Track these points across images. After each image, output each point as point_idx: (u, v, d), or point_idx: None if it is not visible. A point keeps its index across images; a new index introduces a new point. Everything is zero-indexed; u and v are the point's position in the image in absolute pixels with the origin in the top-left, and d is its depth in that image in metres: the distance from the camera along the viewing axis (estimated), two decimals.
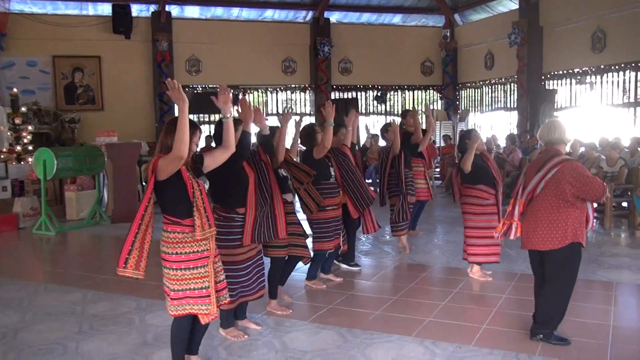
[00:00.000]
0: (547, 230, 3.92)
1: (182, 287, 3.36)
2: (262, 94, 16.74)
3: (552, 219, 3.90)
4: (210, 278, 3.40)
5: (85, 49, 14.81)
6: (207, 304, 3.40)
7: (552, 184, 3.88)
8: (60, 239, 8.76)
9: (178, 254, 3.33)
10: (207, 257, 3.39)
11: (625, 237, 7.89)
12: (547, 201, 3.92)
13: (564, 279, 3.98)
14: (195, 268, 3.35)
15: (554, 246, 3.90)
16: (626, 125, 12.57)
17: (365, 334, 4.31)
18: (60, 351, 4.11)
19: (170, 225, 3.34)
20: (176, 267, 3.33)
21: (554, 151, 4.03)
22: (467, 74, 17.26)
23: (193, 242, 3.33)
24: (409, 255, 6.87)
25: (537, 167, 4.02)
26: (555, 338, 4.01)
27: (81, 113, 14.60)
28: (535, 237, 3.99)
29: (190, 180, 3.32)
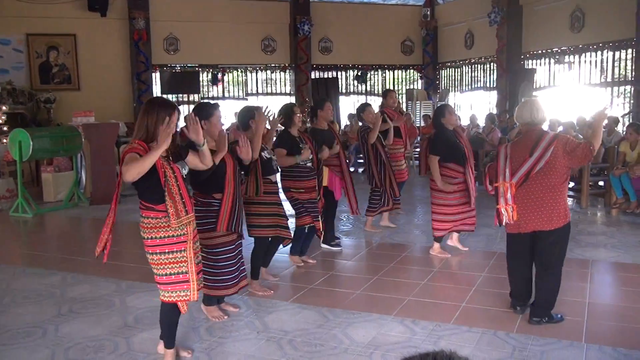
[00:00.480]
0: (550, 209, 3.91)
1: (159, 271, 3.36)
2: (242, 73, 16.57)
3: (554, 197, 3.91)
4: (189, 263, 3.38)
5: (60, 27, 14.48)
6: (185, 289, 3.38)
7: (551, 163, 3.89)
8: (38, 221, 8.65)
9: (153, 238, 3.31)
10: (185, 242, 3.36)
11: (602, 215, 8.03)
12: (545, 181, 3.91)
13: (562, 258, 4.04)
14: (171, 252, 3.33)
15: (558, 225, 3.92)
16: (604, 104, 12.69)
17: (346, 313, 4.35)
18: (40, 334, 4.09)
19: (145, 210, 3.32)
20: (152, 252, 3.33)
21: (538, 130, 4.04)
22: (447, 53, 17.26)
23: (168, 227, 3.30)
24: (390, 235, 6.92)
25: (529, 147, 3.96)
26: (556, 317, 4.06)
27: (57, 93, 14.32)
28: (538, 218, 3.95)
29: (162, 169, 3.25)
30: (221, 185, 4.11)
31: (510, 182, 3.97)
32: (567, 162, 3.90)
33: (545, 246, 4.00)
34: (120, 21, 14.93)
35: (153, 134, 3.27)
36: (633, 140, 7.84)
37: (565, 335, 3.85)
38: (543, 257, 4.04)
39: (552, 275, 4.04)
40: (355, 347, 3.75)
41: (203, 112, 4.04)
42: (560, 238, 3.99)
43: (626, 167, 7.76)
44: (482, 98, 16.28)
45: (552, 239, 3.97)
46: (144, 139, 3.27)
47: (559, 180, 3.91)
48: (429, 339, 3.85)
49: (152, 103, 3.37)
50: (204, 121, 3.99)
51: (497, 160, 4.12)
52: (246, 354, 3.68)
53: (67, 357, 3.71)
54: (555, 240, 3.98)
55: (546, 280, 4.04)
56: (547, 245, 3.99)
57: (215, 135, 4.06)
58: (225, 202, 4.11)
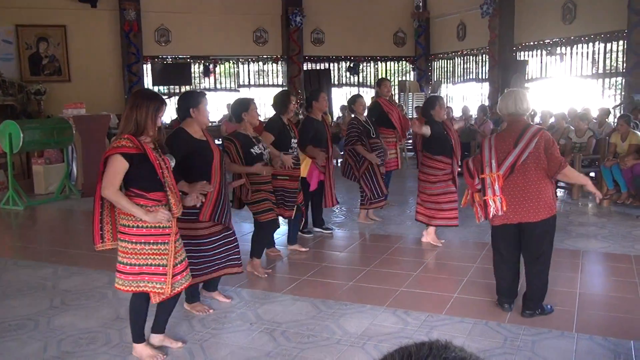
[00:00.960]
0: (536, 201, 3.89)
1: (140, 262, 3.31)
2: (234, 64, 16.50)
3: (540, 189, 3.88)
4: (170, 257, 3.36)
5: (50, 18, 14.35)
6: (162, 282, 3.36)
7: (534, 154, 3.86)
8: (29, 213, 8.60)
9: (140, 227, 3.28)
10: (168, 235, 3.35)
11: (593, 206, 8.07)
12: (531, 172, 3.88)
13: (550, 249, 4.03)
14: (156, 244, 3.32)
15: (544, 216, 3.89)
16: (595, 96, 12.75)
17: (338, 304, 4.36)
18: (32, 327, 4.07)
19: (135, 197, 3.27)
20: (136, 241, 3.29)
21: (524, 121, 4.02)
22: (439, 44, 17.24)
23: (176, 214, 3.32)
24: (382, 227, 6.93)
25: (513, 139, 3.92)
26: (547, 309, 4.06)
27: (47, 84, 14.21)
28: (524, 210, 3.91)
29: (157, 161, 3.25)
30: (205, 174, 4.04)
31: (497, 174, 3.94)
32: (546, 162, 3.88)
33: (532, 238, 3.97)
34: (111, 12, 14.81)
35: (143, 127, 3.25)
36: (624, 132, 7.88)
37: (556, 325, 3.88)
38: (532, 248, 4.01)
39: (542, 266, 4.02)
40: (348, 338, 3.76)
41: (191, 100, 4.03)
42: (548, 229, 3.97)
43: (617, 158, 7.80)
44: (474, 90, 16.30)
45: (539, 230, 3.95)
46: (133, 132, 3.24)
47: (542, 172, 3.89)
48: (422, 330, 3.87)
49: (140, 96, 3.34)
50: (192, 109, 3.98)
51: (482, 152, 4.08)
52: (239, 345, 3.69)
53: (59, 350, 3.70)
54: (543, 231, 3.96)
55: (536, 271, 4.03)
56: (534, 237, 3.97)
57: (204, 123, 4.06)
58: (210, 192, 4.07)
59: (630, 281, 4.77)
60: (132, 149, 3.20)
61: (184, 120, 4.07)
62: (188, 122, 4.04)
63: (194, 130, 4.04)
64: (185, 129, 4.05)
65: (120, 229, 3.33)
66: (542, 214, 3.90)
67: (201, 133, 4.07)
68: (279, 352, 3.58)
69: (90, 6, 14.34)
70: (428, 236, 5.99)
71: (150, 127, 3.29)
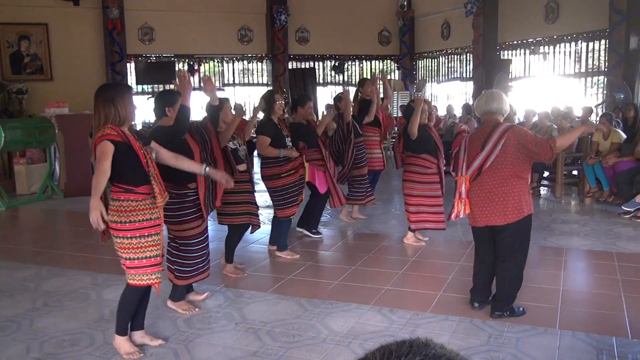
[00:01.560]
0: (502, 204, 3.81)
1: (137, 255, 3.35)
2: (218, 63, 16.42)
3: (506, 192, 3.79)
4: (161, 246, 3.43)
5: (32, 16, 14.17)
6: (158, 272, 3.44)
7: (504, 155, 3.77)
8: (11, 214, 8.50)
9: (132, 222, 3.29)
10: (159, 225, 3.40)
11: (575, 204, 8.15)
12: (497, 174, 3.80)
13: (522, 252, 3.95)
14: (150, 235, 3.36)
15: (511, 219, 3.82)
16: (578, 95, 12.87)
17: (324, 303, 4.36)
18: (14, 328, 4.03)
19: (123, 193, 3.28)
20: (131, 236, 3.31)
21: (494, 121, 3.91)
22: (423, 43, 17.30)
23: (146, 210, 3.32)
24: (367, 225, 6.95)
25: (481, 140, 3.88)
26: (518, 311, 4.02)
27: (29, 83, 14.03)
28: (490, 213, 3.87)
29: (141, 149, 3.31)
30: (194, 174, 4.09)
31: (465, 176, 3.94)
32: (523, 155, 3.77)
33: (501, 240, 3.93)
34: (94, 10, 14.66)
35: (125, 117, 3.30)
36: (606, 130, 7.97)
37: (540, 322, 3.91)
38: (501, 250, 3.96)
39: (508, 268, 3.95)
40: (334, 336, 3.76)
41: (167, 99, 4.05)
42: (516, 232, 3.87)
43: (599, 156, 7.88)
44: (459, 88, 16.38)
45: (506, 233, 3.88)
46: (116, 123, 3.28)
47: (511, 173, 3.78)
48: (407, 328, 3.89)
49: (114, 88, 3.40)
50: (168, 108, 4.01)
51: (459, 152, 4.06)
52: (225, 345, 3.68)
53: (42, 351, 3.66)
54: (510, 234, 3.87)
55: (505, 273, 3.97)
56: (503, 240, 3.91)
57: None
58: (200, 190, 4.14)
59: (612, 278, 4.82)
60: (117, 137, 3.23)
61: (160, 119, 4.08)
62: (164, 120, 4.07)
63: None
64: (162, 127, 4.06)
65: (111, 226, 3.32)
66: (509, 217, 3.82)
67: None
68: (265, 351, 3.57)
69: (72, 4, 14.18)
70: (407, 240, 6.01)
71: (131, 115, 3.37)
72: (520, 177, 3.82)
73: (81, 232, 6.74)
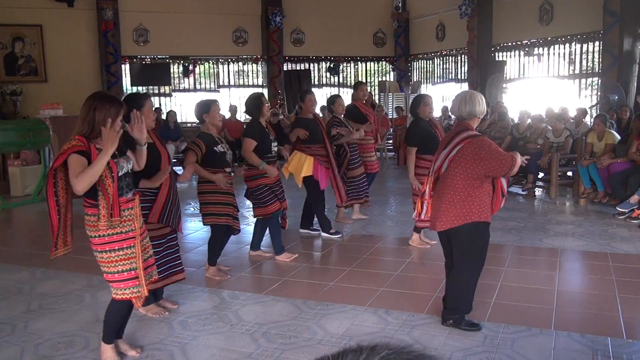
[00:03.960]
0: (448, 209, 3.72)
1: (111, 269, 3.28)
2: (213, 65, 16.41)
3: (454, 199, 3.69)
4: (138, 259, 3.32)
5: (26, 18, 14.13)
6: (137, 285, 3.33)
7: (456, 162, 3.68)
8: (5, 216, 8.47)
9: (102, 236, 3.22)
10: (133, 238, 3.30)
11: (570, 205, 8.18)
12: (452, 179, 3.71)
13: (470, 261, 3.80)
14: (121, 249, 3.27)
15: (454, 224, 3.71)
16: (572, 96, 12.92)
17: (320, 305, 4.36)
18: (8, 331, 4.01)
19: (91, 208, 3.21)
20: (101, 250, 3.24)
21: (463, 126, 3.79)
22: (418, 45, 17.33)
23: (115, 224, 3.22)
24: (363, 227, 6.95)
25: (444, 143, 3.83)
26: (466, 323, 3.86)
27: (23, 85, 13.99)
28: (439, 217, 3.79)
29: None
30: (153, 175, 4.04)
31: (430, 177, 3.93)
32: (477, 168, 3.62)
33: (452, 246, 3.87)
34: (89, 12, 14.64)
35: (100, 130, 3.16)
36: (600, 131, 8.00)
37: (535, 323, 3.92)
38: (452, 255, 3.89)
39: (454, 276, 3.87)
40: (330, 338, 3.76)
41: (134, 103, 3.97)
42: (463, 239, 3.76)
43: (594, 157, 7.91)
44: (454, 90, 16.39)
45: (454, 239, 3.81)
46: (87, 134, 3.16)
47: (462, 182, 3.67)
48: (402, 329, 3.89)
49: (101, 99, 3.24)
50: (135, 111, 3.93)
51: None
52: (220, 347, 3.67)
53: (37, 354, 3.65)
54: (458, 240, 3.79)
55: (452, 279, 3.90)
56: (453, 245, 3.86)
57: (148, 126, 4.02)
58: (160, 194, 4.06)
59: (607, 279, 4.84)
60: (82, 147, 3.11)
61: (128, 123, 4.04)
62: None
63: None
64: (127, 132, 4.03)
65: (89, 239, 3.27)
66: (451, 222, 3.72)
67: (147, 135, 4.05)
68: (261, 353, 3.57)
69: (67, 5, 14.16)
70: (413, 242, 5.96)
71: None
72: (473, 186, 3.67)
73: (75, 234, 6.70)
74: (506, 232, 6.41)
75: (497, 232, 6.34)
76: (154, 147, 4.06)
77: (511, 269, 5.17)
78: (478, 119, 3.87)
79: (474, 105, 3.78)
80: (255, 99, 5.49)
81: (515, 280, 4.85)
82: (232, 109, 13.44)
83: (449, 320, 3.89)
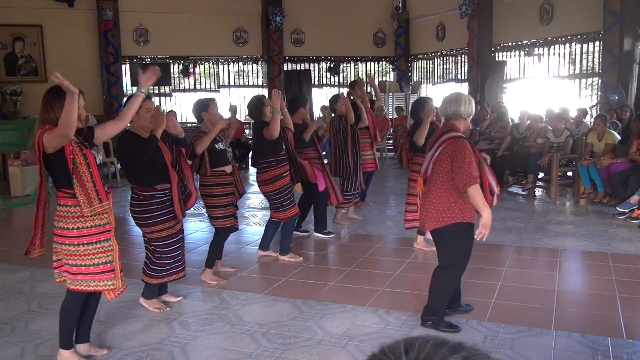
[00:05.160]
0: (431, 210, 3.72)
1: (85, 262, 3.27)
2: (213, 65, 16.41)
3: (437, 199, 3.69)
4: (115, 252, 3.33)
5: (26, 18, 14.12)
6: (112, 278, 3.33)
7: (438, 163, 3.69)
8: (6, 216, 8.47)
9: (79, 228, 3.22)
10: (110, 231, 3.32)
11: (570, 205, 8.18)
12: (435, 180, 3.72)
13: (450, 262, 3.80)
14: (99, 242, 3.28)
15: (437, 225, 3.70)
16: (572, 96, 12.91)
17: (320, 305, 4.36)
18: (8, 331, 4.01)
19: (70, 199, 3.21)
20: (77, 243, 3.24)
21: (448, 127, 3.78)
22: (418, 45, 17.32)
23: (94, 216, 3.23)
24: (363, 227, 6.95)
25: (431, 144, 3.83)
26: (445, 325, 3.86)
27: (23, 85, 13.98)
28: (425, 218, 3.79)
29: (71, 154, 3.15)
30: (163, 176, 4.10)
31: (420, 179, 3.95)
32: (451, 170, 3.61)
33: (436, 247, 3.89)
34: (89, 12, 14.63)
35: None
36: (600, 132, 7.99)
37: (535, 323, 3.92)
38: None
39: (434, 277, 3.88)
40: (330, 338, 3.76)
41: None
42: (442, 241, 3.78)
43: (594, 157, 7.91)
44: (454, 90, 16.37)
45: (436, 239, 3.82)
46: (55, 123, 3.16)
47: (444, 183, 3.66)
48: (403, 329, 3.89)
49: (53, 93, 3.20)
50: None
51: None
52: (221, 347, 3.67)
53: (37, 354, 3.65)
54: (439, 241, 3.80)
55: (433, 279, 3.90)
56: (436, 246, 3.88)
57: (145, 126, 4.09)
58: (174, 191, 4.14)
59: (607, 279, 4.84)
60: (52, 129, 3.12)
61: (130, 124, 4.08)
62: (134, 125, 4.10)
63: (141, 132, 4.08)
64: (132, 132, 4.10)
65: (56, 232, 3.26)
66: (433, 223, 3.72)
67: (147, 134, 4.08)
68: (261, 353, 3.57)
69: (67, 5, 14.14)
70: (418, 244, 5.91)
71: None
72: (455, 186, 3.62)
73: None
74: (506, 232, 6.41)
75: (497, 232, 6.35)
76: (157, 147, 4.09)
77: (511, 269, 5.17)
78: (464, 120, 3.81)
79: (459, 105, 3.76)
80: (256, 101, 5.50)
81: (515, 280, 4.84)
82: (232, 109, 13.44)
83: (428, 322, 3.89)
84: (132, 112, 3.54)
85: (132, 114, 3.57)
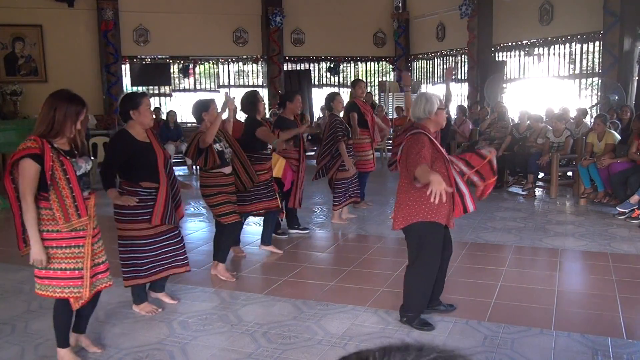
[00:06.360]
0: (398, 209, 3.77)
1: (54, 266, 3.22)
2: (213, 65, 16.40)
3: (403, 198, 3.73)
4: (86, 259, 3.27)
5: (26, 18, 14.12)
6: (78, 286, 3.27)
7: (402, 162, 3.71)
8: (6, 215, 8.45)
9: (50, 231, 3.18)
10: (84, 238, 3.26)
11: (570, 205, 8.18)
12: (402, 179, 3.76)
13: (419, 261, 3.82)
14: (69, 247, 3.22)
15: (402, 224, 3.75)
16: (572, 96, 12.91)
17: (320, 305, 4.36)
18: (9, 331, 4.01)
19: (43, 201, 3.17)
20: (47, 245, 3.19)
21: (415, 125, 3.77)
22: (419, 45, 17.32)
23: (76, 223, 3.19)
24: (362, 227, 6.95)
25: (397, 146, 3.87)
26: (419, 322, 3.88)
27: (23, 85, 13.98)
28: (394, 217, 3.83)
29: (50, 171, 3.10)
30: (149, 174, 4.03)
31: None
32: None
33: None
34: (89, 12, 14.63)
35: (59, 129, 3.15)
36: (600, 131, 7.99)
37: (535, 323, 3.92)
38: None
39: (406, 275, 3.91)
40: (330, 338, 3.76)
41: (130, 102, 3.99)
42: (409, 240, 3.83)
43: (594, 157, 7.91)
44: (454, 90, 16.38)
45: (406, 238, 3.87)
46: (45, 134, 3.13)
47: (406, 182, 3.71)
48: (402, 329, 3.89)
49: (59, 97, 3.19)
50: (133, 111, 3.97)
51: None
52: (220, 347, 3.67)
53: (37, 354, 3.65)
54: (408, 239, 3.84)
55: (405, 278, 3.93)
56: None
57: (145, 124, 4.06)
58: (160, 194, 4.04)
59: (607, 279, 4.84)
60: (37, 150, 3.09)
61: (126, 123, 4.07)
62: (130, 124, 4.05)
63: (137, 132, 4.03)
64: (127, 131, 4.04)
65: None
66: (399, 223, 3.77)
67: (144, 135, 4.06)
68: (261, 353, 3.57)
69: (67, 5, 14.14)
70: None
71: (68, 130, 3.19)
72: (415, 185, 3.63)
73: None
74: (506, 232, 6.41)
75: (497, 232, 6.35)
76: (151, 147, 4.05)
77: (511, 269, 5.17)
78: (430, 119, 3.74)
79: (421, 104, 3.74)
80: (251, 96, 5.51)
81: (515, 280, 4.84)
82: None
83: (404, 319, 3.93)
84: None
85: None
